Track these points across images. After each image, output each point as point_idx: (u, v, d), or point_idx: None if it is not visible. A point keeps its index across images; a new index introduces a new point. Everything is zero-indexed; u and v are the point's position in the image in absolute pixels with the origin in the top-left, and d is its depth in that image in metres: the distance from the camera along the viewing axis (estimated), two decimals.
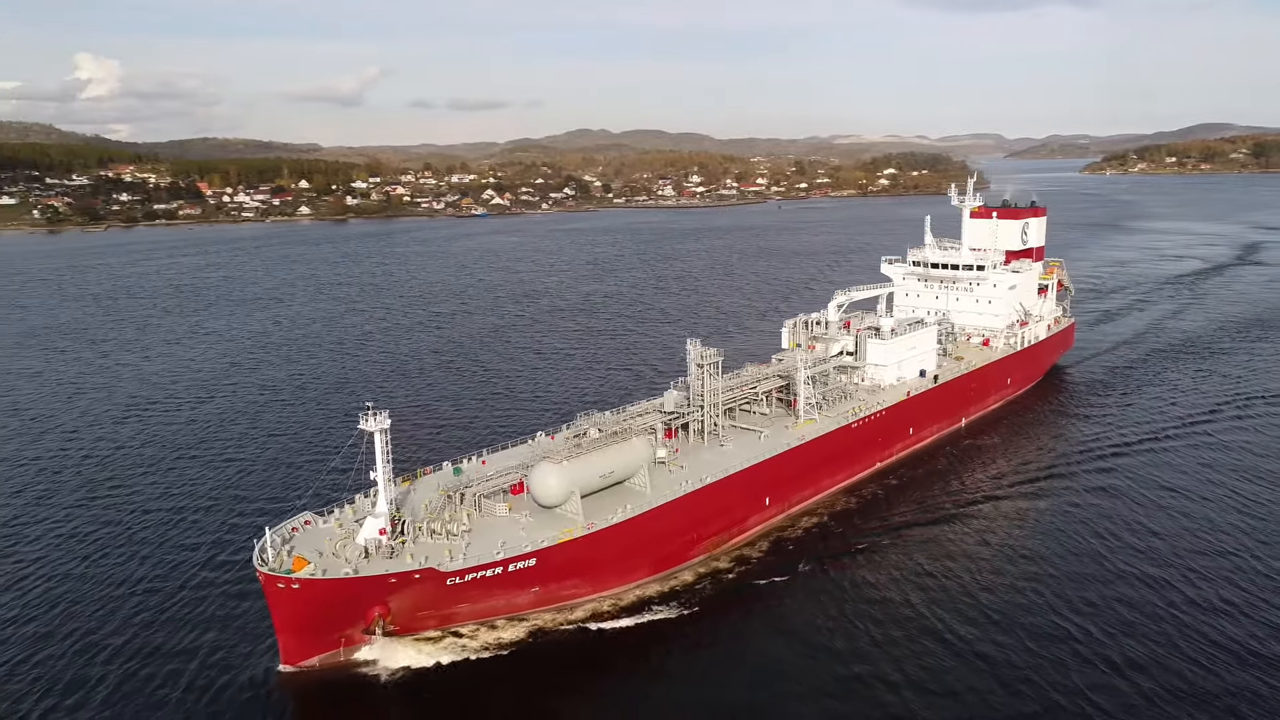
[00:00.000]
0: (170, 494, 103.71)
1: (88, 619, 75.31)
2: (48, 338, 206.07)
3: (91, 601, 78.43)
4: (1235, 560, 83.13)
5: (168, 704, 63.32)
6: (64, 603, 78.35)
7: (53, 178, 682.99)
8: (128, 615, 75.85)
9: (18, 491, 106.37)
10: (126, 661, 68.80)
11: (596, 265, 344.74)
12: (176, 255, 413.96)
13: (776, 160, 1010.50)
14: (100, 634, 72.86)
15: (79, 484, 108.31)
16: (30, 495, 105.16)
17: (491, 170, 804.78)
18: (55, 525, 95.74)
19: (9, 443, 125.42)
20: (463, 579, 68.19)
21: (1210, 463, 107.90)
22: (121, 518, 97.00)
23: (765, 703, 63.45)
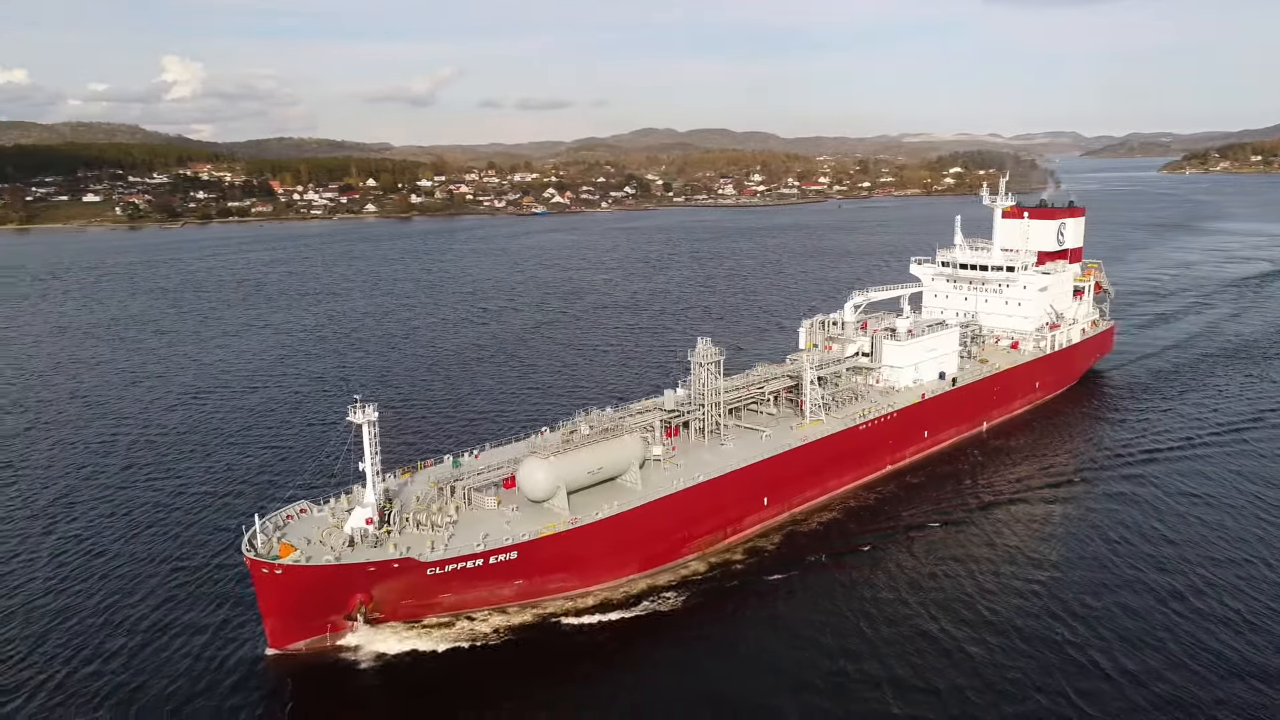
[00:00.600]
0: (209, 477, 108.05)
1: (113, 593, 79.51)
2: (117, 328, 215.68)
3: (119, 577, 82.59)
4: (1246, 569, 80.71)
5: (161, 676, 66.20)
6: (93, 577, 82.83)
7: (135, 176, 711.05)
8: (150, 589, 79.76)
9: (68, 470, 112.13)
10: (139, 635, 72.36)
11: (648, 263, 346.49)
12: (245, 251, 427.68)
13: (841, 159, 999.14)
14: (121, 607, 77.02)
15: (123, 466, 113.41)
16: (79, 474, 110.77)
17: (554, 169, 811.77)
18: (96, 504, 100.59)
19: (67, 426, 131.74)
20: (443, 569, 69.72)
21: (1242, 470, 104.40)
22: (159, 499, 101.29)
23: (751, 696, 63.82)
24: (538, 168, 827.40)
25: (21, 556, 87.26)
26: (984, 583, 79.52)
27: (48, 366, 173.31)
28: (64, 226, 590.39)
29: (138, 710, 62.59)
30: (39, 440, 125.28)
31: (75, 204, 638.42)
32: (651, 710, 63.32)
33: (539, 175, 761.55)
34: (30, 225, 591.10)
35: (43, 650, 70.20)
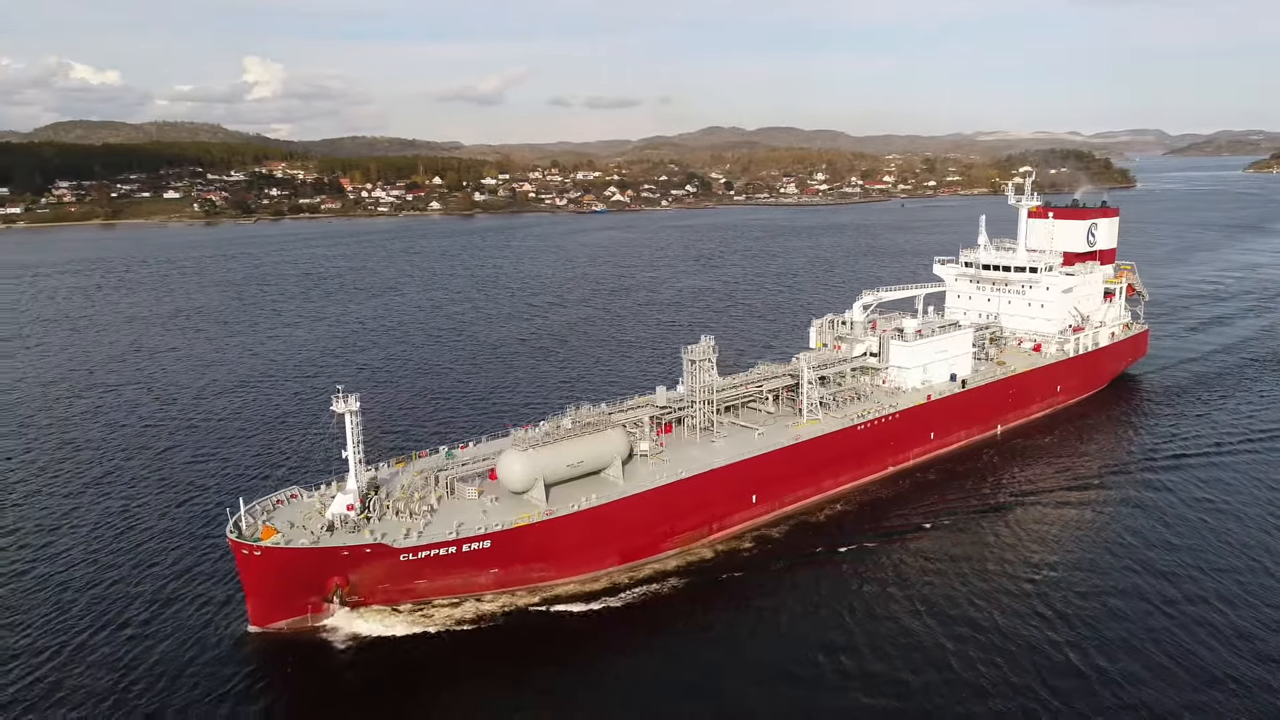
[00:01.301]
0: (241, 459, 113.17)
1: (131, 564, 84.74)
2: (183, 318, 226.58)
3: (138, 549, 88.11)
4: (1246, 578, 78.92)
5: (154, 647, 69.95)
6: (118, 549, 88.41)
7: (213, 174, 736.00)
8: (169, 562, 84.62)
9: (118, 448, 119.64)
10: (144, 606, 76.75)
11: (699, 261, 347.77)
12: (311, 246, 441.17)
13: (908, 157, 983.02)
14: (132, 579, 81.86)
15: (166, 446, 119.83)
16: (125, 452, 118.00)
17: (616, 168, 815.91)
18: (136, 480, 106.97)
19: (123, 409, 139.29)
20: (416, 556, 72.00)
21: (1265, 479, 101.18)
22: (195, 479, 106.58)
23: (720, 685, 65.10)
24: (600, 166, 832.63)
25: (62, 530, 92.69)
26: (972, 583, 79.10)
27: (115, 353, 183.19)
28: (145, 222, 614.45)
29: (129, 679, 66.15)
30: (98, 421, 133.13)
31: (157, 200, 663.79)
32: (622, 695, 64.68)
33: (601, 174, 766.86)
34: (115, 221, 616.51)
35: (61, 616, 74.65)
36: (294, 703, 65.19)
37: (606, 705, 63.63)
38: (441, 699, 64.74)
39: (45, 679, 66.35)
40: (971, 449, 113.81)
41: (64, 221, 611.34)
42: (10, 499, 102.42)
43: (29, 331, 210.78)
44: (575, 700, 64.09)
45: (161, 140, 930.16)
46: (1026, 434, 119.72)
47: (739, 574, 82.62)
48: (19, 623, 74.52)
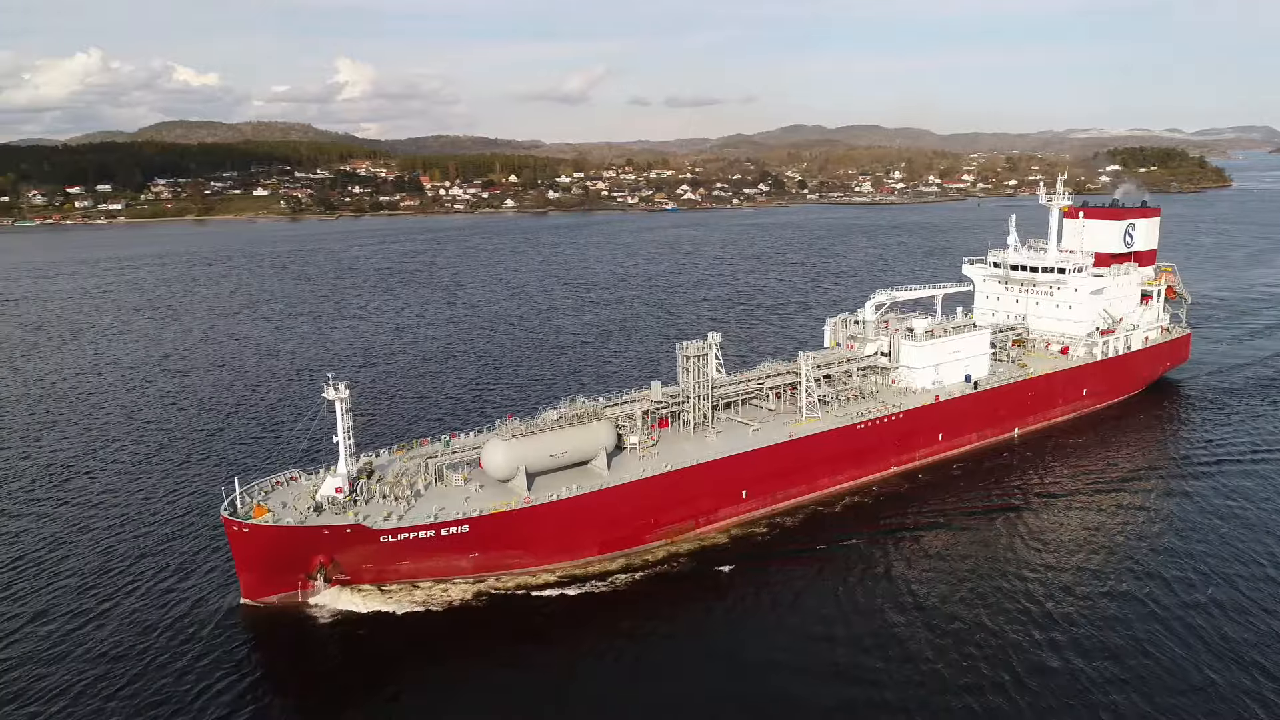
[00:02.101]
0: (287, 440, 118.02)
1: (155, 536, 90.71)
2: (260, 309, 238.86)
3: (166, 523, 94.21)
4: (1241, 588, 76.78)
5: (152, 614, 74.89)
6: (147, 522, 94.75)
7: (301, 172, 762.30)
8: (192, 535, 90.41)
9: (180, 426, 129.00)
10: (159, 574, 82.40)
11: (761, 259, 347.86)
12: (387, 242, 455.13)
13: (992, 156, 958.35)
14: (151, 549, 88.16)
15: (217, 428, 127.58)
16: (183, 430, 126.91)
17: (690, 166, 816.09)
18: (186, 456, 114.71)
19: (195, 394, 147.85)
20: (395, 538, 75.31)
21: None
22: (241, 459, 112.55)
23: (686, 671, 66.95)
24: (674, 164, 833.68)
25: (107, 500, 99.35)
26: (962, 581, 79.16)
27: (190, 340, 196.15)
28: (235, 218, 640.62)
29: (118, 637, 71.14)
30: (163, 402, 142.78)
31: (246, 197, 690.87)
32: (594, 678, 66.79)
33: (674, 172, 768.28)
34: (207, 217, 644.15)
35: (89, 573, 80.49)
36: (275, 671, 68.87)
37: (579, 687, 65.48)
38: (416, 675, 67.37)
39: (64, 636, 71.84)
40: (985, 451, 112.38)
41: (161, 217, 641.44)
42: (76, 468, 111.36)
43: (116, 319, 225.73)
44: (548, 681, 66.19)
45: (255, 140, 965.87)
46: (1047, 437, 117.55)
47: (723, 567, 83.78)
48: (65, 569, 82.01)
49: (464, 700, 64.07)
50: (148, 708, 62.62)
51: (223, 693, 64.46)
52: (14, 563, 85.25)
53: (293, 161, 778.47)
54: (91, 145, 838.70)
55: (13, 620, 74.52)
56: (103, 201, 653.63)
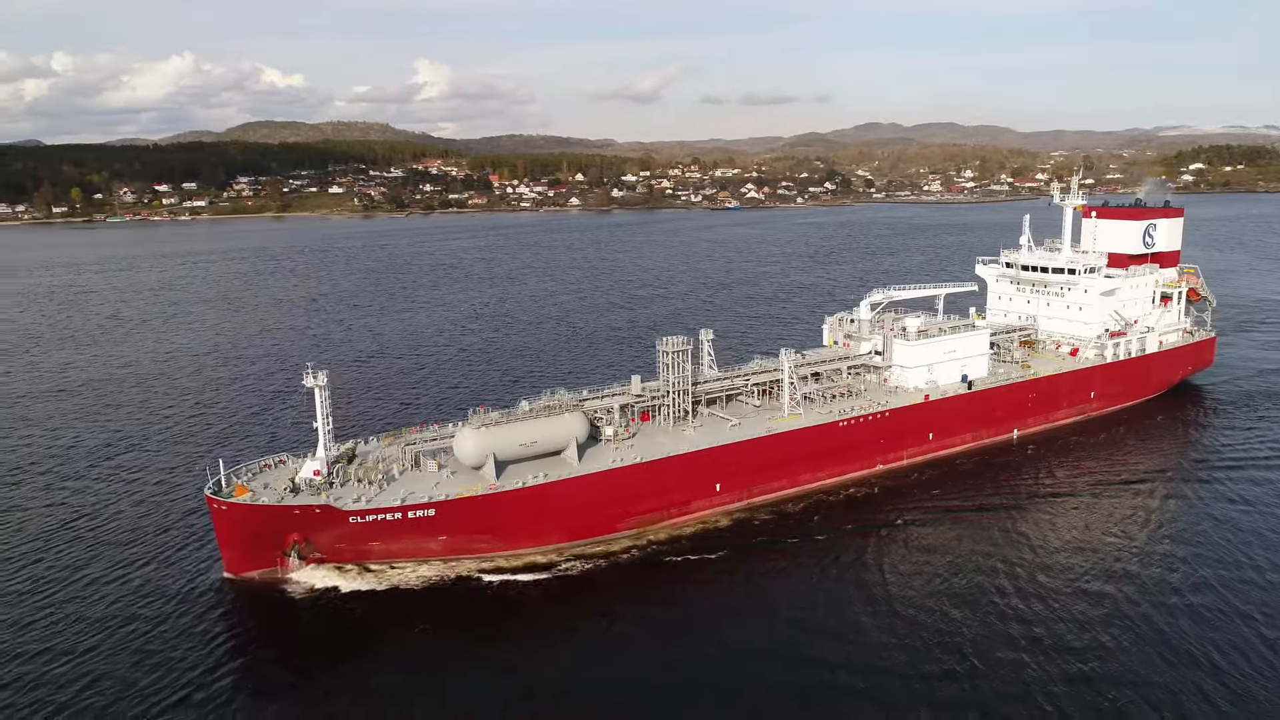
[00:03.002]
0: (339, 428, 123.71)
1: (175, 513, 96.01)
2: (323, 302, 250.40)
3: (186, 495, 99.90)
4: (1218, 595, 75.50)
5: (144, 587, 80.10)
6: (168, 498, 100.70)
7: (375, 170, 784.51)
8: (202, 513, 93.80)
9: (233, 412, 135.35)
10: (161, 546, 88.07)
11: (813, 258, 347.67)
12: (451, 238, 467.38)
13: (1073, 154, 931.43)
14: (160, 524, 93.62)
15: (255, 411, 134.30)
16: (234, 417, 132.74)
17: (757, 165, 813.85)
18: (215, 445, 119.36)
19: (254, 380, 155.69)
20: (364, 519, 79.16)
21: None
22: (281, 439, 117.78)
23: (642, 651, 69.27)
24: (742, 163, 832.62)
25: (152, 475, 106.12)
26: (930, 577, 79.32)
27: (254, 330, 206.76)
28: (310, 215, 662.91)
29: (109, 606, 76.44)
30: (224, 388, 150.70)
31: (322, 195, 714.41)
32: (552, 656, 69.35)
33: (740, 170, 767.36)
34: (284, 214, 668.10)
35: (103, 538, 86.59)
36: (249, 640, 72.62)
37: (541, 666, 67.78)
38: (381, 649, 70.74)
39: (61, 603, 77.39)
40: (979, 452, 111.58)
41: (241, 213, 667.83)
42: (119, 446, 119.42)
43: (184, 310, 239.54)
44: (511, 660, 68.69)
45: (334, 139, 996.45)
46: (1048, 439, 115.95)
47: (693, 556, 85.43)
48: (80, 538, 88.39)
49: (426, 674, 66.91)
50: (136, 665, 67.49)
51: (202, 654, 69.12)
52: (56, 526, 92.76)
53: (368, 160, 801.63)
54: (180, 145, 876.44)
55: (38, 575, 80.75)
56: (188, 199, 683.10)
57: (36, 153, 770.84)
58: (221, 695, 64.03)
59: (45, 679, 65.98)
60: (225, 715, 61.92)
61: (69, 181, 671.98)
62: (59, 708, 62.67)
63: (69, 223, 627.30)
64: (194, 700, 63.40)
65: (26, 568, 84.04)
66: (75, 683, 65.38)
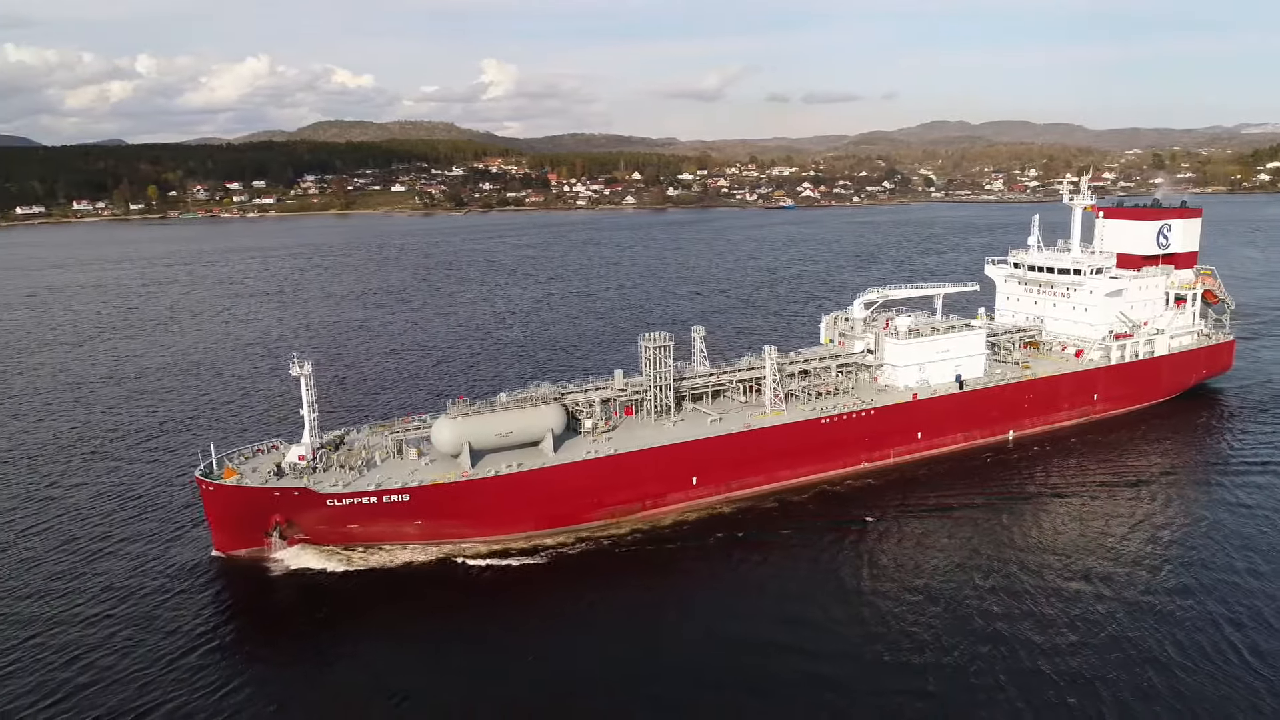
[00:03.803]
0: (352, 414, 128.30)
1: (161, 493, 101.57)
2: (375, 295, 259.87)
3: None
4: (1190, 600, 74.82)
5: (145, 558, 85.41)
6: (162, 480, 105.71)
7: (437, 169, 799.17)
8: None
9: (264, 402, 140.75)
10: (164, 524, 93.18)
11: (860, 256, 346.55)
12: (505, 236, 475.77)
13: (1142, 152, 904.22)
14: None
15: (287, 396, 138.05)
16: (274, 402, 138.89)
17: (814, 164, 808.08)
18: (249, 429, 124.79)
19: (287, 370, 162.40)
20: (340, 502, 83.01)
21: None
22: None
23: (602, 632, 71.89)
24: (798, 161, 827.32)
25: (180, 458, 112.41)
26: (907, 572, 79.81)
27: (308, 322, 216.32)
28: (373, 212, 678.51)
29: (107, 579, 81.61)
30: (268, 376, 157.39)
31: (385, 193, 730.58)
32: (520, 638, 71.61)
33: (797, 169, 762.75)
34: (348, 211, 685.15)
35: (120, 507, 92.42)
36: (232, 613, 76.87)
37: (506, 645, 70.40)
38: (353, 624, 74.29)
39: (66, 570, 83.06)
40: (971, 452, 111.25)
41: (307, 211, 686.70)
42: (155, 430, 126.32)
43: (244, 303, 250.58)
44: (480, 640, 71.34)
45: (400, 138, 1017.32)
46: (1046, 441, 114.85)
47: (667, 546, 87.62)
48: (99, 511, 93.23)
49: (394, 650, 69.98)
50: (130, 630, 72.47)
51: (186, 621, 73.93)
52: (88, 498, 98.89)
53: (430, 159, 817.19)
54: (251, 144, 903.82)
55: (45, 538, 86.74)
56: (256, 196, 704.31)
57: (117, 152, 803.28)
58: (192, 660, 68.24)
59: (58, 635, 71.72)
60: (194, 678, 65.86)
61: (146, 180, 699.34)
62: (67, 661, 67.78)
63: (145, 219, 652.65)
64: (169, 661, 67.83)
65: (59, 530, 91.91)
66: (67, 639, 70.86)
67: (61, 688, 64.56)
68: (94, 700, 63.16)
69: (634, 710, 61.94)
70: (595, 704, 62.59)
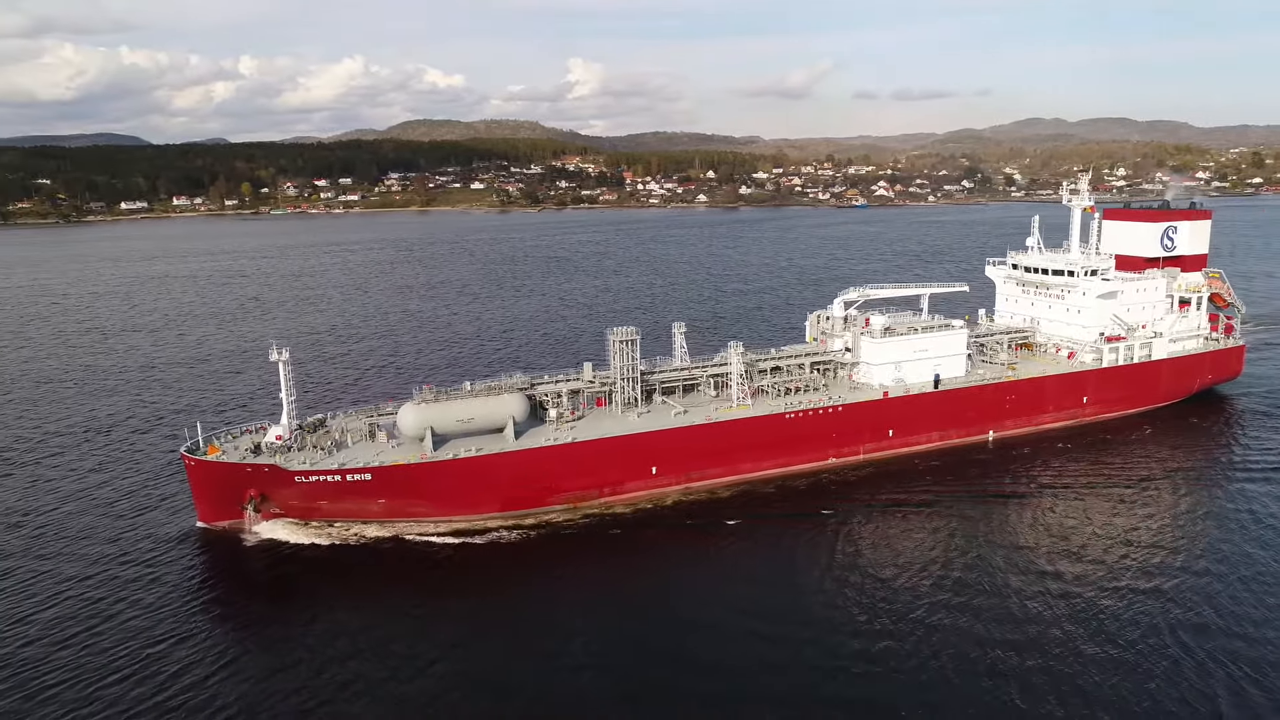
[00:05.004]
0: None
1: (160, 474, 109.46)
2: (440, 289, 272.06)
3: None
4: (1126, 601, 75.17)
5: (125, 529, 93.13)
6: None
7: (516, 167, 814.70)
8: None
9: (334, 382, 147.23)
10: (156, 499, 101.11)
11: (920, 256, 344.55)
12: (574, 233, 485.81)
13: (1247, 151, 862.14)
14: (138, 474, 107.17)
15: (339, 380, 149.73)
16: (335, 385, 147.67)
17: (894, 163, 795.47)
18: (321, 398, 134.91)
19: (356, 358, 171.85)
20: (308, 480, 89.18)
21: None
22: None
23: (558, 616, 74.82)
24: (877, 160, 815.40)
25: None
26: (853, 567, 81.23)
27: (373, 312, 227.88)
28: (451, 209, 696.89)
29: (99, 546, 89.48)
30: (329, 363, 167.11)
31: (464, 190, 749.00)
32: (464, 610, 76.54)
33: (874, 168, 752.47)
34: (428, 208, 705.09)
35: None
36: (208, 576, 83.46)
37: (456, 622, 74.44)
38: (315, 591, 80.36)
39: (54, 532, 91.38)
40: (945, 451, 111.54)
41: (389, 207, 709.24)
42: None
43: (319, 294, 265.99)
44: (431, 612, 76.31)
45: (485, 136, 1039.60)
46: (1028, 443, 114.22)
47: (622, 531, 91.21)
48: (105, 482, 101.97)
49: (349, 616, 74.99)
50: (120, 588, 79.71)
51: (169, 583, 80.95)
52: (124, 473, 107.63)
53: (510, 157, 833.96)
54: (340, 143, 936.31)
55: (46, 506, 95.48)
56: (343, 193, 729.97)
57: (214, 150, 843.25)
58: (153, 617, 74.81)
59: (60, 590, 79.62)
60: (155, 627, 72.67)
61: (241, 177, 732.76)
62: (67, 615, 75.16)
63: (239, 214, 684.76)
64: (141, 612, 74.96)
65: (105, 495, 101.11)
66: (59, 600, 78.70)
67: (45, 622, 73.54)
68: (75, 636, 71.09)
69: (581, 682, 64.81)
70: (541, 675, 65.86)
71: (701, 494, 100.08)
